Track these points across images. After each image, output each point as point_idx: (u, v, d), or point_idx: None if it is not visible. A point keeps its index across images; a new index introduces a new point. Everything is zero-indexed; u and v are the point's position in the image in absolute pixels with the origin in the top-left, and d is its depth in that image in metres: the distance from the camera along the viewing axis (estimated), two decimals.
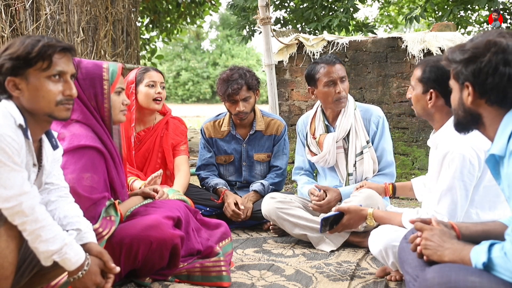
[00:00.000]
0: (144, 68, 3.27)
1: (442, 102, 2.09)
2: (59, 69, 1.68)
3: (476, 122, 1.50)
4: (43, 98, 1.65)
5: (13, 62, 1.62)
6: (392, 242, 2.13)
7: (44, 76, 1.65)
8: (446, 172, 1.95)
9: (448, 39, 4.43)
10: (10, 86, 1.63)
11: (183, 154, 3.30)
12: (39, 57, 1.63)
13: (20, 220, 1.58)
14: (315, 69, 3.02)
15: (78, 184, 1.99)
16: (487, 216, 1.96)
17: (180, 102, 32.87)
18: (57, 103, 1.68)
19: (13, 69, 1.62)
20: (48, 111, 1.68)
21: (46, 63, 1.64)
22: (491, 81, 1.40)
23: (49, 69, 1.65)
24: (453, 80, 1.54)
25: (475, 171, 1.92)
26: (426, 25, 9.47)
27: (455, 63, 1.49)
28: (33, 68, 1.64)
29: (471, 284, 1.34)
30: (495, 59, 1.39)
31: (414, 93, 2.18)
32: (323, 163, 3.13)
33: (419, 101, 2.16)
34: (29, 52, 1.62)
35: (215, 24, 35.34)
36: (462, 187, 1.93)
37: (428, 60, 2.15)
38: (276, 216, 2.97)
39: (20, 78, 1.64)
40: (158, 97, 3.16)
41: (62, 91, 1.69)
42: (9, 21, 4.29)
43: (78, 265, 1.67)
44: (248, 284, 2.30)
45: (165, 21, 10.22)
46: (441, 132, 2.12)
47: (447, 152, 1.96)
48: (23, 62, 1.62)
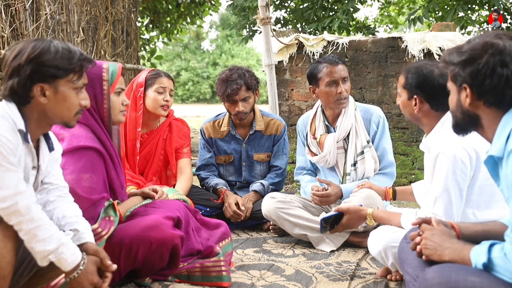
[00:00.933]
0: (155, 73, 3.22)
1: (427, 106, 2.12)
2: (84, 82, 1.76)
3: (474, 123, 1.50)
4: (68, 108, 1.72)
5: (49, 70, 1.64)
6: (391, 243, 2.13)
7: (72, 87, 1.71)
8: (439, 173, 1.97)
9: (448, 39, 4.44)
10: (38, 92, 1.65)
11: (186, 157, 3.29)
12: (74, 69, 1.69)
13: (16, 220, 1.58)
14: (318, 68, 3.02)
15: (77, 184, 1.99)
16: (483, 215, 1.96)
17: (180, 102, 32.88)
18: (76, 113, 1.75)
19: (46, 77, 1.65)
20: (67, 120, 1.74)
21: (77, 75, 1.71)
22: (489, 83, 1.40)
23: (78, 81, 1.72)
24: (450, 82, 1.54)
25: (468, 170, 1.93)
26: (426, 25, 9.46)
27: (452, 65, 1.50)
28: (65, 79, 1.68)
29: (471, 284, 1.34)
30: (493, 60, 1.39)
31: (400, 99, 2.22)
32: (323, 163, 3.13)
33: (406, 107, 2.20)
34: (69, 63, 1.67)
35: (215, 24, 35.39)
36: (456, 187, 1.93)
37: (409, 67, 2.19)
38: (276, 216, 2.97)
39: (49, 86, 1.67)
40: (166, 104, 3.14)
41: (80, 102, 1.75)
42: (9, 21, 4.29)
43: (74, 265, 1.67)
44: (248, 284, 2.30)
45: (165, 21, 10.22)
46: (431, 136, 2.14)
47: (438, 153, 1.98)
48: (62, 72, 1.66)
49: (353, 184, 3.00)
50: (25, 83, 1.63)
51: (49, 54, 1.65)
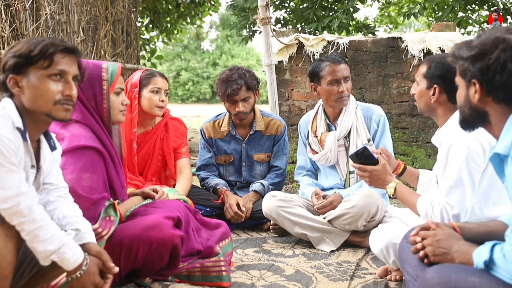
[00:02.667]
0: (150, 72, 3.20)
1: (445, 97, 2.10)
2: (60, 68, 1.69)
3: (482, 119, 1.48)
4: (41, 96, 1.66)
5: (16, 60, 1.64)
6: (393, 240, 2.13)
7: (45, 74, 1.67)
8: (452, 164, 1.95)
9: (448, 39, 4.44)
10: (11, 84, 1.66)
11: (184, 157, 3.28)
12: (41, 55, 1.65)
13: (18, 221, 1.58)
14: (320, 66, 3.03)
15: (78, 184, 1.99)
16: (490, 211, 1.94)
17: (180, 102, 32.88)
18: (55, 102, 1.68)
19: (15, 67, 1.65)
20: (46, 110, 1.68)
21: (47, 61, 1.66)
22: (499, 79, 1.37)
23: (49, 67, 1.67)
24: (459, 77, 1.51)
25: (481, 161, 1.92)
26: (426, 25, 9.46)
27: (462, 59, 1.47)
28: (34, 66, 1.65)
29: (471, 284, 1.34)
30: (504, 56, 1.36)
31: (418, 88, 2.19)
32: (324, 161, 3.13)
33: (423, 96, 2.17)
34: (31, 50, 1.64)
35: (215, 24, 35.38)
36: (469, 178, 1.92)
37: (434, 57, 2.17)
38: (276, 214, 2.96)
39: (21, 76, 1.66)
40: (162, 105, 3.14)
41: (62, 91, 1.69)
42: (9, 21, 4.29)
43: (76, 265, 1.67)
44: (248, 284, 2.30)
45: (165, 21, 10.22)
46: (444, 129, 2.13)
47: (451, 144, 1.97)
48: (25, 59, 1.64)
49: (351, 188, 3.01)
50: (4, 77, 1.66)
51: (18, 46, 1.66)
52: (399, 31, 14.42)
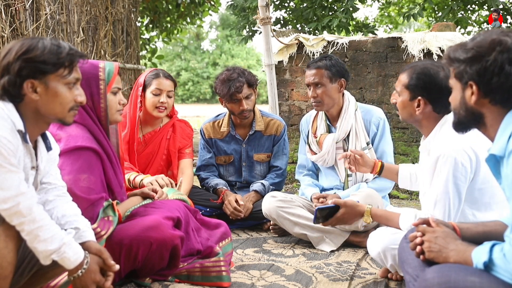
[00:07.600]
0: (154, 73, 3.18)
1: (430, 108, 2.06)
2: (76, 77, 1.73)
3: (477, 121, 1.48)
4: (60, 104, 1.70)
5: (38, 66, 1.64)
6: (391, 245, 2.12)
7: (64, 82, 1.69)
8: (439, 176, 1.95)
9: (448, 39, 4.44)
10: (28, 88, 1.65)
11: (187, 158, 3.28)
12: (63, 64, 1.67)
13: (18, 221, 1.58)
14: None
15: (75, 185, 1.98)
16: (483, 216, 1.96)
17: (180, 102, 32.88)
18: (70, 109, 1.72)
19: (35, 73, 1.64)
20: (61, 116, 1.72)
21: (68, 70, 1.69)
22: (497, 80, 1.38)
23: (69, 76, 1.70)
24: (454, 79, 1.51)
25: (468, 173, 1.92)
26: (426, 25, 9.47)
27: (457, 62, 1.47)
28: (55, 74, 1.67)
29: (471, 284, 1.34)
30: (501, 58, 1.37)
31: (400, 99, 2.13)
32: (321, 162, 3.14)
33: (406, 107, 2.11)
34: (58, 58, 1.66)
35: (215, 24, 35.40)
36: (455, 190, 1.93)
37: (414, 66, 2.10)
38: (276, 214, 2.97)
39: (39, 82, 1.66)
40: (161, 106, 3.12)
41: (75, 98, 1.73)
42: (9, 21, 4.29)
43: (77, 263, 1.67)
44: (248, 284, 2.30)
45: (165, 21, 10.21)
46: (430, 138, 2.10)
47: (438, 156, 1.95)
48: (50, 66, 1.65)
49: (350, 190, 3.01)
50: (15, 80, 1.62)
51: (37, 50, 1.64)
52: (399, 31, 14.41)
